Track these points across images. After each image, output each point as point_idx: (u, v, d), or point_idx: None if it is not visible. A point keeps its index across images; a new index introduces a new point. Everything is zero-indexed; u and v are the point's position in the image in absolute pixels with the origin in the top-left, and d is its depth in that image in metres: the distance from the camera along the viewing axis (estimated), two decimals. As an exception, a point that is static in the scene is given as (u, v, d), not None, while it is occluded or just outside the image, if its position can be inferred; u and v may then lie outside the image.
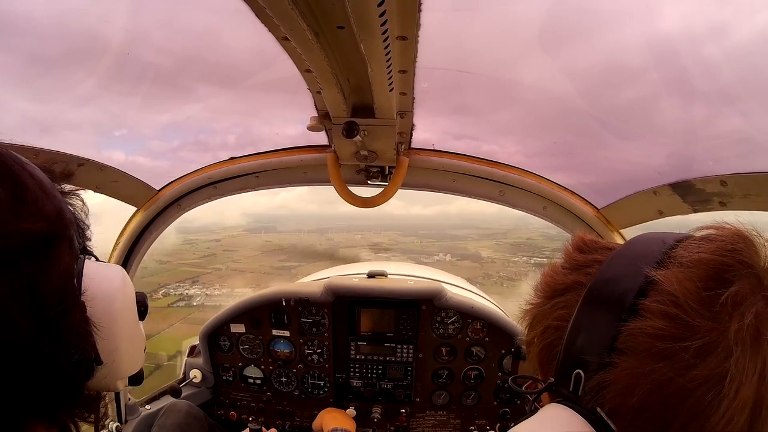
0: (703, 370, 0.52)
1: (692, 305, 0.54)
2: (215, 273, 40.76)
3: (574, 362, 0.61)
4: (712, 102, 1.37)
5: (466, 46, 1.38)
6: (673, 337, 0.54)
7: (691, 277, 0.56)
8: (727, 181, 1.38)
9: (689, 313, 0.54)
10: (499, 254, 46.35)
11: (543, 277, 0.74)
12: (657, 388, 0.54)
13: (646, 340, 0.55)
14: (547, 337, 0.69)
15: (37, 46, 1.38)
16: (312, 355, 2.33)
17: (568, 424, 0.59)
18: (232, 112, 2.00)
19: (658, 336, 0.54)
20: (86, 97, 1.61)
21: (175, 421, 2.01)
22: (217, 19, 1.34)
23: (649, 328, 0.55)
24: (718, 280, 0.55)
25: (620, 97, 1.54)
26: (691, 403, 0.52)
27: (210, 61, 1.57)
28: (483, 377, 2.29)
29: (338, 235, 44.68)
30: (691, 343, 0.52)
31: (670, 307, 0.55)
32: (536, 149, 2.11)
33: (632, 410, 0.55)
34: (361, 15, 0.88)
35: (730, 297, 0.53)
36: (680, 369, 0.52)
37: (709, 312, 0.53)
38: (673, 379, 0.53)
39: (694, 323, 0.53)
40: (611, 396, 0.57)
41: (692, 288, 0.55)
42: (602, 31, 1.27)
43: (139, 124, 1.89)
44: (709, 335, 0.52)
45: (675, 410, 0.53)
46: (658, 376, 0.53)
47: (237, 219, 58.17)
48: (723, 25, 1.14)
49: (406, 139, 1.80)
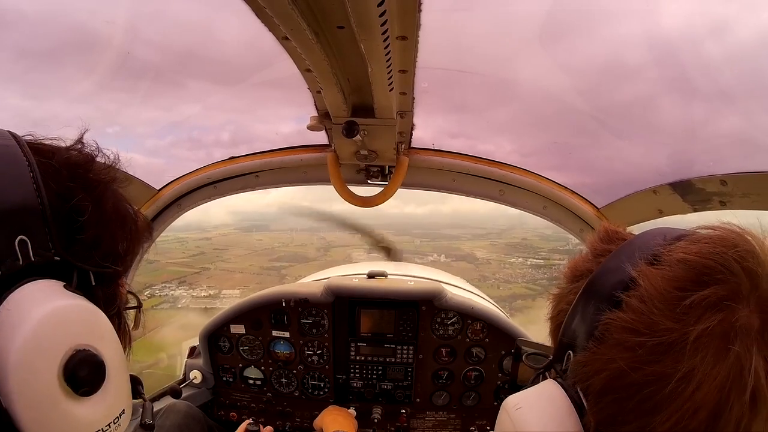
0: (657, 367, 0.53)
1: (657, 304, 0.56)
2: (203, 273, 40.05)
3: (568, 344, 0.67)
4: (712, 101, 1.37)
5: (464, 45, 1.39)
6: (636, 332, 0.56)
7: (668, 276, 0.57)
8: (727, 181, 1.38)
9: (653, 311, 0.55)
10: (495, 255, 46.12)
11: (569, 262, 0.78)
12: (615, 377, 0.57)
13: (616, 331, 0.58)
14: (559, 319, 0.73)
15: (26, 41, 1.37)
16: (312, 356, 2.33)
17: (551, 398, 0.65)
18: (227, 109, 2.00)
19: (626, 329, 0.57)
20: (78, 93, 1.60)
21: (174, 421, 2.00)
22: (210, 14, 1.34)
23: (620, 320, 0.58)
24: (695, 282, 0.55)
25: (619, 95, 1.54)
26: (643, 397, 0.54)
27: (204, 57, 1.56)
28: (483, 378, 2.29)
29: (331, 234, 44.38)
30: (648, 340, 0.54)
31: (639, 302, 0.57)
32: (533, 148, 2.11)
33: (596, 393, 0.60)
34: (361, 15, 0.88)
35: (696, 300, 0.53)
36: (636, 362, 0.55)
37: (671, 312, 0.54)
38: (627, 372, 0.55)
39: (656, 321, 0.55)
40: (582, 377, 0.62)
41: (664, 287, 0.56)
42: (601, 29, 1.27)
43: (131, 121, 1.88)
44: (668, 335, 0.53)
45: (629, 400, 0.56)
46: (616, 366, 0.56)
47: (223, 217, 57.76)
48: (725, 22, 1.14)
49: (406, 138, 1.80)
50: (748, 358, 0.51)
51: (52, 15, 1.32)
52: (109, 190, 0.72)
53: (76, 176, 0.68)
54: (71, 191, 0.66)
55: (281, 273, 39.18)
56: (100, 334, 0.62)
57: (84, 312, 0.61)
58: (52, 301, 0.57)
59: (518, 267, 41.78)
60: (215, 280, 38.02)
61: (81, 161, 0.70)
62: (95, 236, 0.67)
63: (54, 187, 0.64)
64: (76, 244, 0.65)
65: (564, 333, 0.69)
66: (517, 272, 40.45)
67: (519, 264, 42.38)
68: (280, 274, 38.76)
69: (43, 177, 0.62)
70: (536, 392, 0.68)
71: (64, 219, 0.65)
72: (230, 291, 33.29)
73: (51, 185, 0.63)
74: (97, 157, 0.74)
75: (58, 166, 0.66)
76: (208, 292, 34.62)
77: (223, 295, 32.76)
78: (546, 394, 0.66)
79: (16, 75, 1.51)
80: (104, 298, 0.70)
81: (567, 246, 27.41)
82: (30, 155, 0.63)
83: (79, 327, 0.59)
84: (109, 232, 0.70)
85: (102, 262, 0.68)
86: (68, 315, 0.58)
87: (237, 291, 32.28)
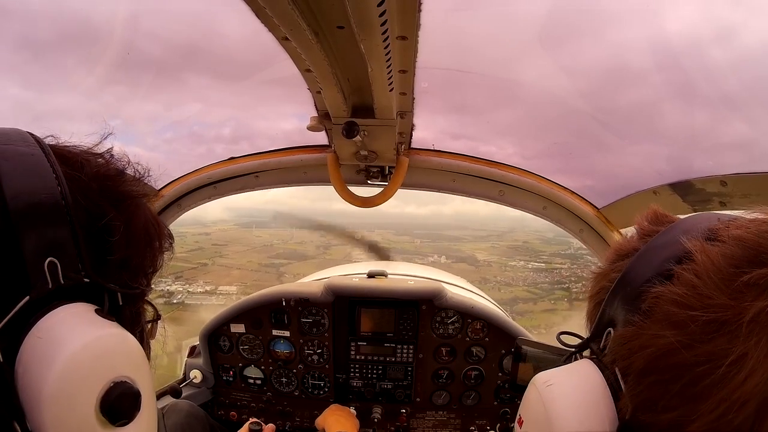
0: (709, 347, 0.48)
1: (713, 277, 0.51)
2: (200, 268, 39.58)
3: (609, 321, 0.62)
4: (717, 106, 1.36)
5: (466, 46, 1.38)
6: (689, 306, 0.51)
7: (725, 252, 0.53)
8: (727, 181, 1.38)
9: (708, 284, 0.51)
10: (496, 257, 45.69)
11: (613, 245, 0.74)
12: (661, 355, 0.52)
13: (666, 304, 0.53)
14: (599, 297, 0.69)
15: (27, 30, 1.36)
16: (312, 355, 2.33)
17: (585, 377, 0.60)
18: (227, 105, 1.99)
19: (676, 302, 0.52)
20: (77, 84, 1.59)
21: (176, 421, 2.01)
22: (213, 9, 1.33)
23: (671, 293, 0.53)
24: (752, 260, 0.50)
25: (623, 99, 1.54)
26: (690, 379, 0.49)
27: (206, 52, 1.55)
28: (483, 377, 2.29)
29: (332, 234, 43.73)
30: (702, 315, 0.49)
31: (693, 276, 0.53)
32: (535, 151, 2.10)
33: (637, 373, 0.55)
34: (361, 15, 0.88)
35: (754, 278, 0.49)
36: (686, 340, 0.50)
37: (728, 288, 0.50)
38: (677, 350, 0.50)
39: (711, 296, 0.50)
40: (623, 354, 0.57)
41: (721, 262, 0.52)
42: (605, 32, 1.26)
43: (131, 115, 1.87)
44: (722, 312, 0.49)
45: (674, 383, 0.51)
46: (664, 343, 0.51)
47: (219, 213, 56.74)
48: (732, 28, 1.13)
49: (406, 139, 1.80)
50: None
51: (54, 4, 1.31)
52: (139, 207, 0.69)
53: (106, 191, 0.64)
54: (101, 208, 0.62)
55: (280, 270, 38.97)
56: (135, 362, 0.60)
57: (119, 341, 0.59)
58: (86, 329, 0.55)
59: (519, 270, 41.35)
60: (213, 275, 37.66)
61: (111, 174, 0.67)
62: (125, 256, 0.65)
63: (83, 203, 0.60)
64: (106, 265, 0.63)
65: (605, 309, 0.64)
66: (519, 275, 40.06)
67: (520, 267, 41.92)
68: (279, 272, 38.54)
69: (72, 192, 0.59)
70: (570, 370, 0.64)
71: (94, 238, 0.62)
72: (227, 287, 32.86)
73: (80, 201, 0.60)
74: (126, 168, 0.70)
75: (87, 180, 0.62)
76: (204, 288, 34.05)
77: (219, 291, 32.25)
78: (580, 372, 0.62)
79: (17, 65, 1.50)
80: (131, 318, 0.68)
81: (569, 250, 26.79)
82: (57, 166, 0.59)
83: (115, 358, 0.57)
84: (138, 251, 0.68)
85: (130, 282, 0.66)
86: (105, 346, 0.56)
87: (234, 288, 31.97)
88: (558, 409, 0.59)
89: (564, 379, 0.63)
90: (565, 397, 0.60)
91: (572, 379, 0.62)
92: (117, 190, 0.66)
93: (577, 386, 0.60)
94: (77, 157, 0.64)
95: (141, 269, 0.69)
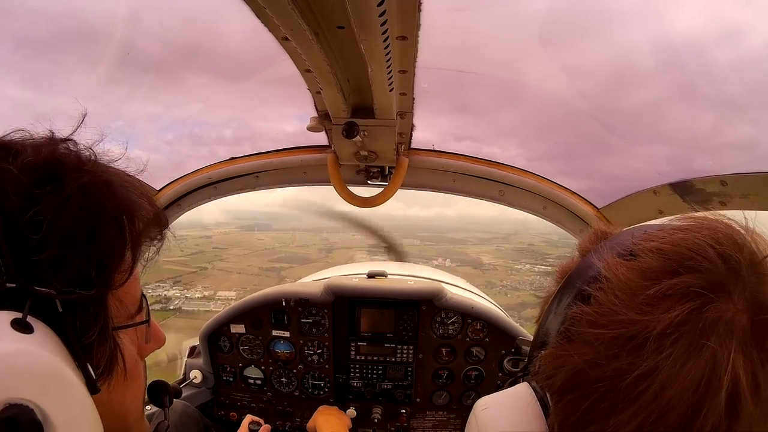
0: (614, 363, 0.49)
1: (618, 294, 0.51)
2: (200, 272, 39.00)
3: (541, 343, 0.64)
4: (721, 108, 1.35)
5: (470, 46, 1.38)
6: (596, 324, 0.52)
7: (637, 267, 0.52)
8: (727, 181, 1.38)
9: (614, 301, 0.51)
10: (501, 261, 45.28)
11: (558, 265, 0.74)
12: (574, 375, 0.53)
13: (580, 325, 0.54)
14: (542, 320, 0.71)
15: (25, 29, 1.35)
16: (312, 355, 2.33)
17: (518, 399, 0.63)
18: (228, 106, 1.99)
19: (588, 322, 0.53)
20: (79, 85, 1.58)
21: (171, 420, 2.01)
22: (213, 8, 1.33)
23: (584, 313, 0.54)
24: (667, 272, 0.50)
25: (627, 100, 1.53)
26: (599, 396, 0.50)
27: (207, 52, 1.55)
28: (483, 377, 2.29)
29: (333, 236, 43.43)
30: (607, 332, 0.50)
31: (602, 294, 0.53)
32: (539, 153, 2.10)
33: (557, 392, 0.56)
34: (361, 15, 0.88)
35: (663, 290, 0.48)
36: (594, 358, 0.50)
37: (633, 303, 0.49)
38: (584, 368, 0.51)
39: (617, 312, 0.50)
40: (548, 374, 0.58)
41: (630, 277, 0.52)
42: (609, 32, 1.25)
43: (132, 116, 1.87)
44: (628, 327, 0.49)
45: (586, 400, 0.51)
46: (575, 362, 0.52)
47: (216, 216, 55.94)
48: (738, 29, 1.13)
49: (406, 139, 1.80)
50: (725, 356, 0.45)
51: (53, 3, 1.30)
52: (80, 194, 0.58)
53: (40, 181, 0.56)
54: (33, 200, 0.54)
55: (280, 275, 38.79)
56: (41, 384, 0.49)
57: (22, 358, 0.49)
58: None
59: (526, 273, 40.83)
60: (212, 280, 37.32)
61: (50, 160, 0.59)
62: (56, 255, 0.54)
63: (13, 198, 0.53)
64: (33, 267, 0.53)
65: (538, 332, 0.66)
66: (525, 279, 39.62)
67: (526, 270, 41.40)
68: (279, 276, 38.33)
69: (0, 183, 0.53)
70: (505, 393, 0.66)
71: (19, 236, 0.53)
72: (226, 293, 32.07)
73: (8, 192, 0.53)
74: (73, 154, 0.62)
75: (17, 170, 0.55)
76: (203, 293, 33.34)
77: (218, 297, 31.54)
78: (514, 394, 0.64)
79: (15, 64, 1.49)
80: (77, 327, 0.58)
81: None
82: None
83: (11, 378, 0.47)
84: (76, 248, 0.56)
85: (63, 286, 0.55)
86: None
87: (233, 293, 31.32)
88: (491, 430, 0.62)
89: (498, 402, 0.65)
90: (498, 419, 0.63)
91: (506, 401, 0.64)
92: (56, 176, 0.58)
93: (510, 407, 0.63)
94: (12, 146, 0.58)
95: (81, 269, 0.57)
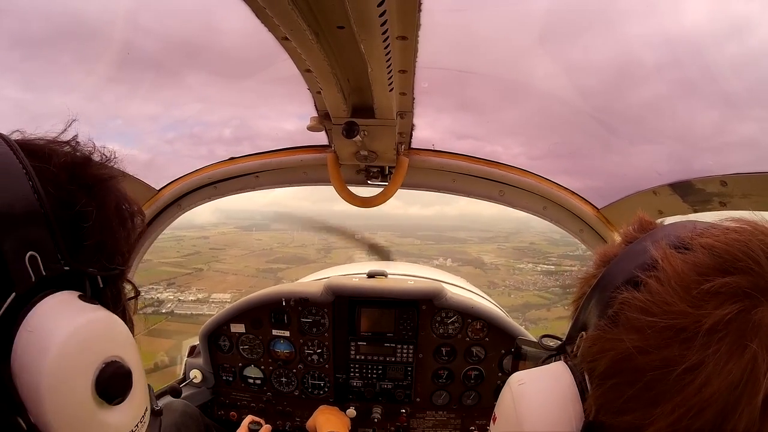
0: (664, 353, 0.50)
1: (674, 285, 0.52)
2: (195, 274, 38.43)
3: (582, 325, 0.64)
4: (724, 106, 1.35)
5: (471, 45, 1.38)
6: (648, 312, 0.53)
7: (691, 261, 0.54)
8: (727, 181, 1.38)
9: (669, 291, 0.52)
10: (503, 260, 44.88)
11: (599, 249, 0.75)
12: (621, 359, 0.54)
13: (630, 310, 0.55)
14: (580, 302, 0.70)
15: (20, 28, 1.34)
16: (312, 355, 2.33)
17: (556, 378, 0.63)
18: (228, 105, 1.99)
19: (638, 308, 0.54)
20: (76, 84, 1.57)
21: (171, 420, 2.01)
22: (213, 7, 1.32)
23: (634, 299, 0.55)
24: (718, 269, 0.51)
25: (629, 98, 1.52)
26: (646, 383, 0.51)
27: (206, 51, 1.54)
28: (483, 377, 2.29)
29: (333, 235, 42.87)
30: (659, 321, 0.51)
31: (656, 283, 0.54)
32: (541, 151, 2.10)
33: (600, 375, 0.57)
34: (361, 15, 0.88)
35: (716, 286, 0.49)
36: (644, 345, 0.51)
37: (688, 296, 0.51)
38: (634, 354, 0.51)
39: (670, 302, 0.51)
40: (590, 357, 0.59)
41: (684, 270, 0.53)
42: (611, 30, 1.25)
43: (131, 115, 1.86)
44: (680, 318, 0.50)
45: (631, 386, 0.52)
46: (623, 347, 0.53)
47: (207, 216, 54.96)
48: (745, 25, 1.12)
49: (406, 139, 1.80)
50: (765, 359, 0.46)
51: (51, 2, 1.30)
52: (110, 190, 0.70)
53: (76, 178, 0.66)
54: (72, 195, 0.64)
55: (277, 276, 38.37)
56: (122, 341, 0.63)
57: (105, 323, 0.62)
58: (72, 317, 0.57)
59: (528, 273, 40.46)
60: (207, 282, 36.76)
61: (79, 161, 0.68)
62: (100, 240, 0.66)
63: (54, 193, 0.61)
64: (83, 251, 0.64)
65: (580, 313, 0.66)
66: (528, 279, 39.27)
67: (529, 270, 40.98)
68: (276, 278, 37.87)
69: (43, 184, 0.59)
70: (543, 370, 0.66)
71: (69, 226, 0.63)
72: (221, 295, 31.31)
73: (51, 191, 0.61)
74: (93, 154, 0.71)
75: (56, 170, 0.63)
76: (197, 296, 32.62)
77: (212, 299, 30.79)
78: (551, 373, 0.64)
79: (12, 64, 1.48)
80: (113, 298, 0.70)
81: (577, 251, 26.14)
82: (25, 161, 0.59)
83: (104, 340, 0.60)
84: (112, 233, 0.69)
85: (108, 264, 0.68)
86: (92, 329, 0.59)
87: (227, 295, 30.59)
88: (526, 407, 0.62)
89: (536, 379, 0.65)
90: (535, 395, 0.63)
91: (543, 379, 0.65)
92: (86, 176, 0.67)
93: (547, 386, 0.63)
94: (44, 149, 0.65)
95: (117, 250, 0.71)
